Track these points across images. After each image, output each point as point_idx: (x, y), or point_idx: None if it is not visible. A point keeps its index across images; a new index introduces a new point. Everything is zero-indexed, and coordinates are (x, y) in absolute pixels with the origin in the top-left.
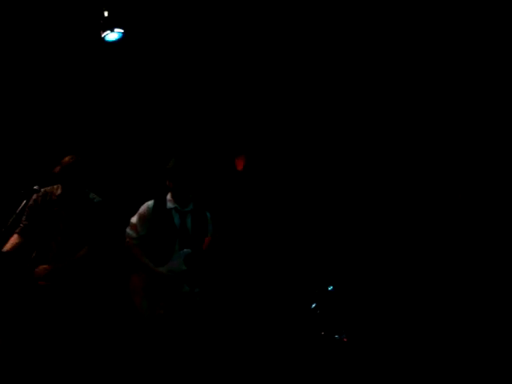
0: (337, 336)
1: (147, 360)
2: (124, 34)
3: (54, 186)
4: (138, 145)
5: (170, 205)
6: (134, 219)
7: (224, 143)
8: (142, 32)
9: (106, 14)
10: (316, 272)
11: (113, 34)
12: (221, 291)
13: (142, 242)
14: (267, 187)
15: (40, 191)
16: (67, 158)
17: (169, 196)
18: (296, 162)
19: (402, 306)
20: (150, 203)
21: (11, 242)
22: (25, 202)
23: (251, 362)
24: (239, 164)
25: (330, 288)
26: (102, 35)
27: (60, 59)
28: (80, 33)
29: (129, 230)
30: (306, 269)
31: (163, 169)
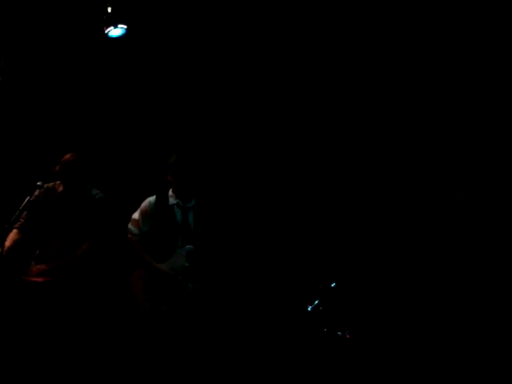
0: (340, 333)
1: (149, 357)
2: (127, 29)
3: (57, 182)
4: (140, 140)
5: (171, 200)
6: (135, 215)
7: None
8: (146, 28)
9: (109, 9)
10: (319, 268)
11: (116, 30)
12: (222, 288)
13: (143, 238)
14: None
15: (43, 187)
16: (67, 156)
17: (170, 192)
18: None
19: (405, 302)
20: (151, 199)
21: (11, 238)
22: (28, 198)
23: (254, 358)
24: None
25: (332, 284)
26: (106, 31)
27: (63, 55)
28: (83, 29)
29: (130, 226)
30: (309, 265)
31: (165, 164)
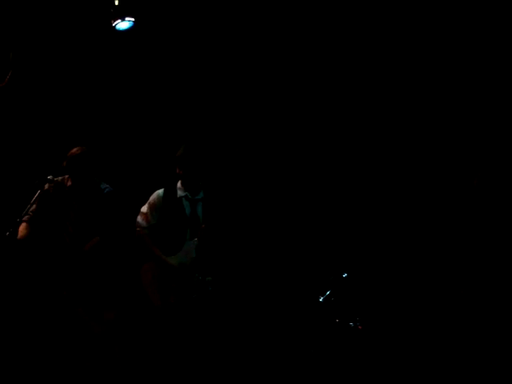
0: (351, 323)
1: (159, 349)
2: (135, 22)
3: (66, 177)
4: (148, 133)
5: (180, 193)
6: (144, 208)
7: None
8: (153, 21)
9: (116, 2)
10: (330, 259)
11: (124, 23)
12: (233, 280)
13: (152, 231)
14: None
15: (53, 181)
16: (74, 150)
17: (179, 184)
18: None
19: (417, 293)
20: (159, 192)
21: (20, 231)
22: (38, 191)
23: (266, 349)
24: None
25: (344, 275)
26: (113, 24)
27: (71, 49)
28: (91, 22)
29: (139, 219)
30: (321, 256)
31: (173, 157)
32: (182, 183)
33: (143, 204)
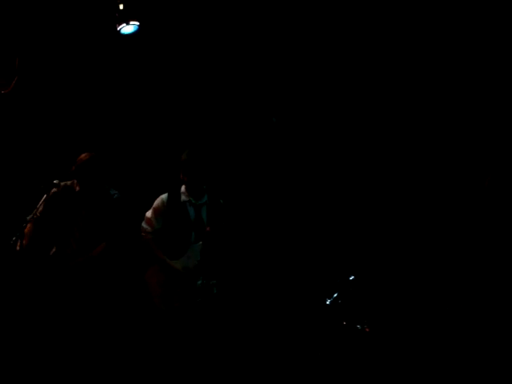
0: (359, 326)
1: (163, 352)
2: (139, 26)
3: (75, 181)
4: (151, 138)
5: (184, 198)
6: (148, 213)
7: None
8: (158, 24)
9: (121, 6)
10: (337, 261)
11: (128, 27)
12: (238, 283)
13: (157, 235)
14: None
15: (59, 186)
16: (82, 156)
17: (183, 189)
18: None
19: (425, 296)
20: (164, 197)
21: (26, 235)
22: (45, 196)
23: (271, 352)
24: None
25: (351, 277)
26: (118, 28)
27: (76, 53)
28: (96, 26)
29: (144, 224)
30: (327, 258)
31: (177, 162)
32: (186, 188)
33: (148, 209)
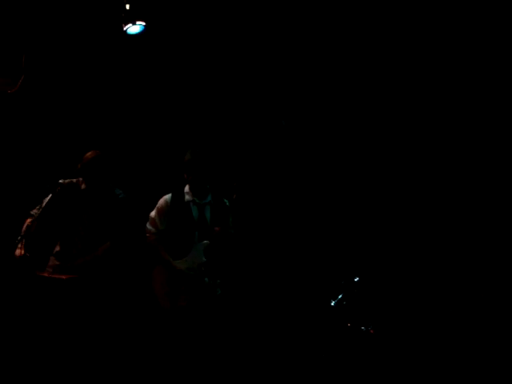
0: (363, 327)
1: (167, 352)
2: (146, 26)
3: (80, 180)
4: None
5: (187, 197)
6: (152, 214)
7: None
8: (164, 24)
9: (127, 7)
10: (342, 263)
11: (135, 27)
12: (242, 283)
13: (161, 236)
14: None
15: (65, 184)
16: (88, 154)
17: (187, 188)
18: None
19: (430, 298)
20: (167, 197)
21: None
22: (51, 195)
23: (275, 353)
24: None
25: (356, 279)
26: (124, 28)
27: (83, 53)
28: (102, 26)
29: (148, 225)
30: (332, 259)
31: (180, 162)
32: (189, 188)
33: (152, 209)
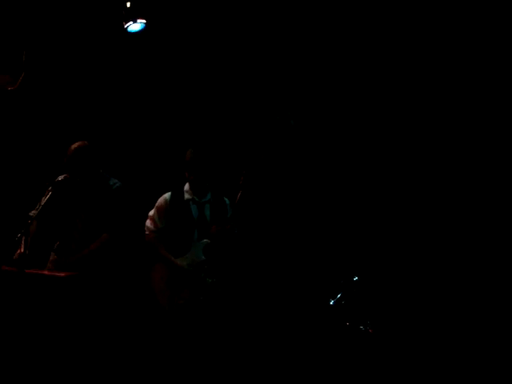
0: (362, 327)
1: (165, 350)
2: (147, 24)
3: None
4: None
5: (187, 196)
6: (151, 212)
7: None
8: (165, 22)
9: (128, 4)
10: (341, 262)
11: (135, 25)
12: (241, 282)
13: (161, 234)
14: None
15: (63, 181)
16: (72, 146)
17: (186, 187)
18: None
19: (429, 297)
20: (166, 195)
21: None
22: (50, 193)
23: (274, 352)
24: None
25: (355, 278)
26: (125, 26)
27: (83, 50)
28: (103, 24)
29: (148, 223)
30: (331, 259)
31: (181, 160)
32: (190, 186)
33: (152, 205)
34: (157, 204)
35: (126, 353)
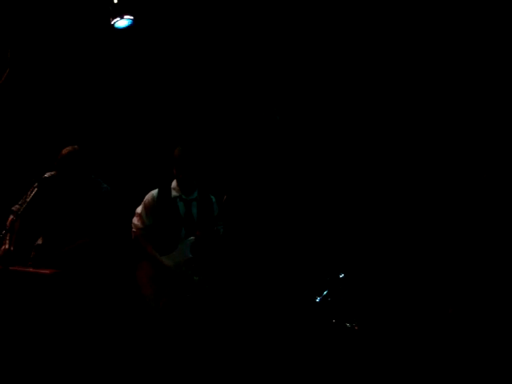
0: (348, 324)
1: (153, 350)
2: (134, 20)
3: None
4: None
5: (174, 193)
6: (139, 209)
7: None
8: (152, 19)
9: (115, 0)
10: (327, 259)
11: (122, 21)
12: (228, 280)
13: (148, 231)
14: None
15: (49, 179)
16: (64, 150)
17: (174, 184)
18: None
19: (414, 294)
20: (154, 192)
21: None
22: (36, 190)
23: (261, 350)
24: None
25: (341, 275)
26: (112, 22)
27: (69, 47)
28: (89, 20)
29: (135, 220)
30: (318, 256)
31: (169, 157)
32: (177, 184)
33: (139, 204)
34: (144, 201)
35: (113, 350)
